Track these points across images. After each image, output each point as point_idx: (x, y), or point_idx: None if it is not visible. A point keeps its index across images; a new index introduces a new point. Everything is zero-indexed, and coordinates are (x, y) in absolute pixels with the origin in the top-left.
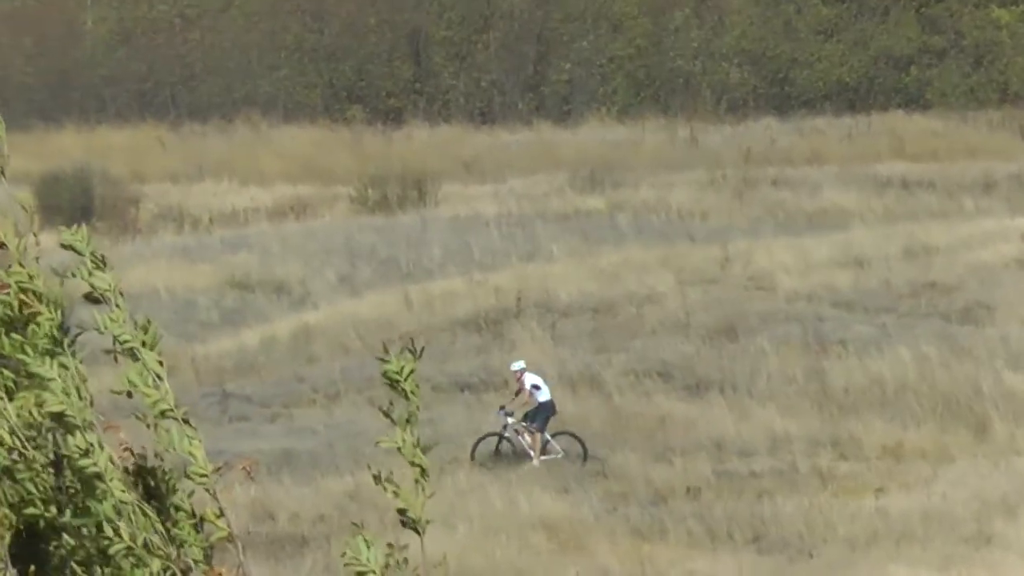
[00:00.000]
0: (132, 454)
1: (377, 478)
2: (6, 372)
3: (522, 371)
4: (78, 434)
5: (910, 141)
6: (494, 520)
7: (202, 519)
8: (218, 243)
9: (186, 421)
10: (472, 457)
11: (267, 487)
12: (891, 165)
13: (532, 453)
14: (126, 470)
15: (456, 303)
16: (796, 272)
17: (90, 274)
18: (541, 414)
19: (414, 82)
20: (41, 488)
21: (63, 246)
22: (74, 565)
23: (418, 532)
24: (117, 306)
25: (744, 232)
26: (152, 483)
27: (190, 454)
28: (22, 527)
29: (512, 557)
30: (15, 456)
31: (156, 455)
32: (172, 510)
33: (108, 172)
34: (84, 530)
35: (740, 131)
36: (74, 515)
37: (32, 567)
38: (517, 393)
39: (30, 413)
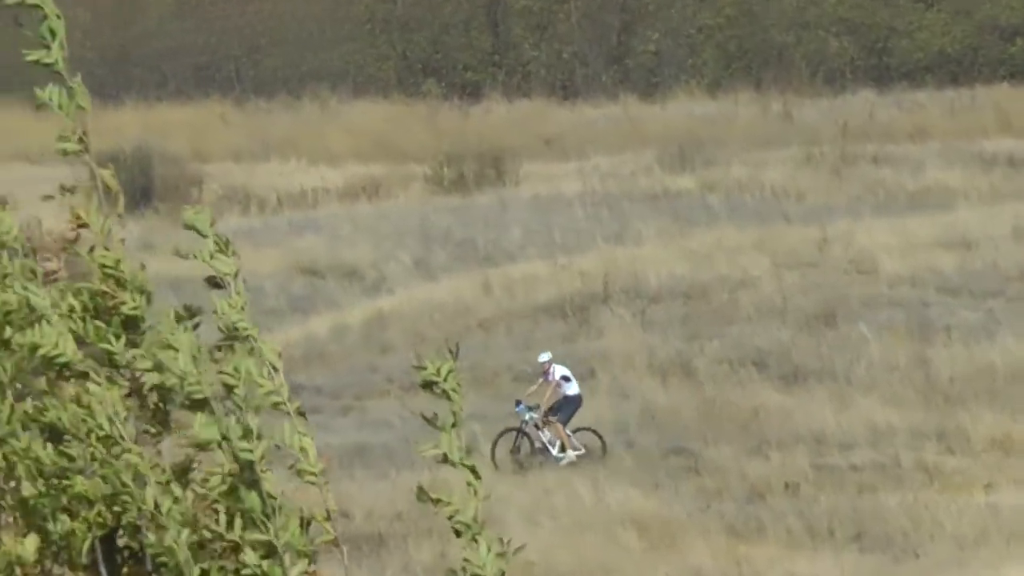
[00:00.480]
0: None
1: (422, 492)
2: (89, 360)
3: (549, 362)
4: (233, 417)
5: (1017, 116)
6: (582, 517)
7: (308, 520)
8: (285, 226)
9: (301, 415)
10: (492, 457)
11: (340, 483)
12: (997, 141)
13: (552, 449)
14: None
15: (538, 288)
16: (898, 254)
17: (212, 257)
18: (567, 407)
19: (492, 54)
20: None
21: (185, 226)
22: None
23: (475, 540)
24: (237, 292)
25: (843, 212)
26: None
27: (301, 450)
28: (115, 524)
29: (600, 556)
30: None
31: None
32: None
33: (169, 151)
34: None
35: (837, 105)
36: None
37: (124, 568)
38: (540, 385)
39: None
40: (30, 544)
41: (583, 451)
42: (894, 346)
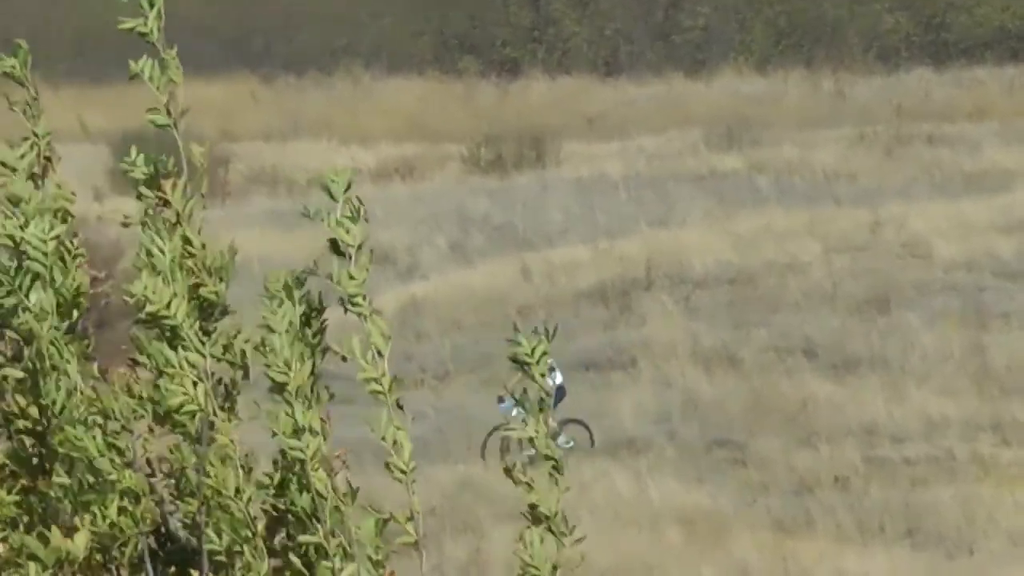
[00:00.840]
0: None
1: (508, 471)
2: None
3: None
4: (291, 409)
5: None
6: (623, 511)
7: (386, 520)
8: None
9: (399, 407)
10: (482, 456)
11: (372, 477)
12: None
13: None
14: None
15: (579, 273)
16: (954, 238)
17: (339, 224)
18: (555, 399)
19: (532, 30)
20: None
21: (322, 188)
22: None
23: (552, 532)
24: (361, 264)
25: (896, 194)
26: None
27: (396, 444)
28: (164, 521)
29: (642, 552)
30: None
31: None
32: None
33: (195, 129)
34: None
35: (891, 83)
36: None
37: (172, 567)
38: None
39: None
40: (80, 540)
41: (572, 444)
42: (949, 333)
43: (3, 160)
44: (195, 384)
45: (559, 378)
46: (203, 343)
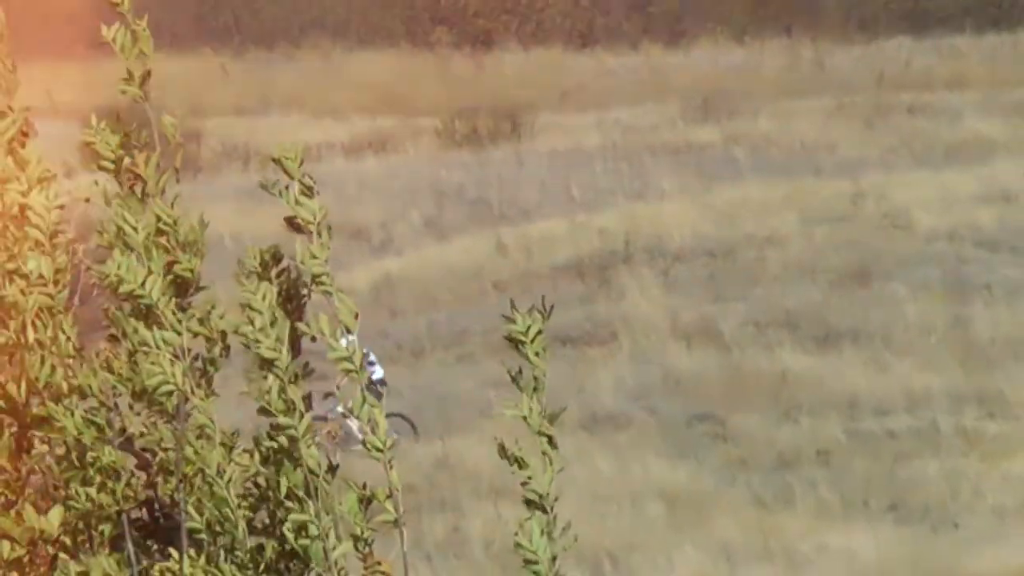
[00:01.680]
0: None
1: (503, 450)
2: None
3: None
4: (279, 386)
5: None
6: (604, 488)
7: (368, 499)
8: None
9: (371, 384)
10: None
11: (347, 454)
12: None
13: (361, 436)
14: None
15: (556, 247)
16: (935, 209)
17: (297, 201)
18: (375, 394)
19: (505, 0)
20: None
21: (274, 161)
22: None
23: (544, 510)
24: (321, 240)
25: (877, 165)
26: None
27: (372, 422)
28: (144, 498)
29: (623, 529)
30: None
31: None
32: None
33: (165, 104)
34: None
35: (871, 52)
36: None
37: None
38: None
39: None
40: (54, 517)
41: (396, 437)
42: (931, 305)
43: None
44: (172, 362)
45: (379, 372)
46: (179, 320)
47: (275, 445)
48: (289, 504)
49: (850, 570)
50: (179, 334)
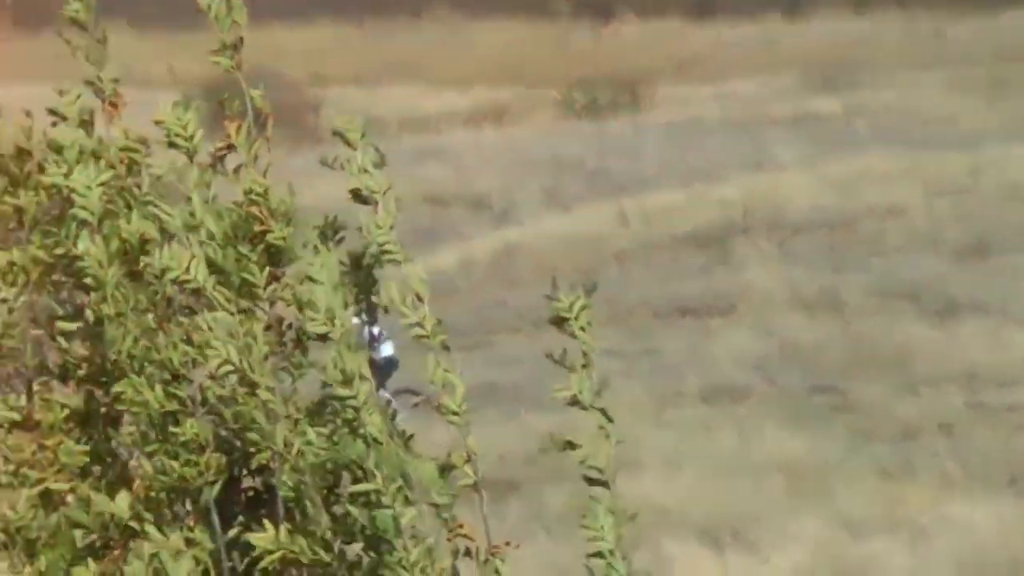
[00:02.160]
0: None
1: (554, 439)
2: (225, 290)
3: (363, 323)
4: (339, 356)
5: None
6: (725, 460)
7: (448, 464)
8: (408, 153)
9: (445, 348)
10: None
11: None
12: None
13: (409, 405)
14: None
15: (675, 218)
16: None
17: (363, 171)
18: (383, 371)
19: None
20: (259, 421)
21: (334, 133)
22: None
23: (605, 485)
24: (387, 210)
25: (998, 137)
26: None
27: (447, 386)
28: (230, 471)
29: (743, 501)
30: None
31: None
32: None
33: (284, 75)
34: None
35: (991, 24)
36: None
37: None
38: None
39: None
40: (123, 501)
41: (406, 415)
42: None
43: (53, 107)
44: (226, 344)
45: (390, 349)
46: (229, 301)
47: (340, 416)
48: (356, 474)
49: (970, 542)
50: (232, 315)
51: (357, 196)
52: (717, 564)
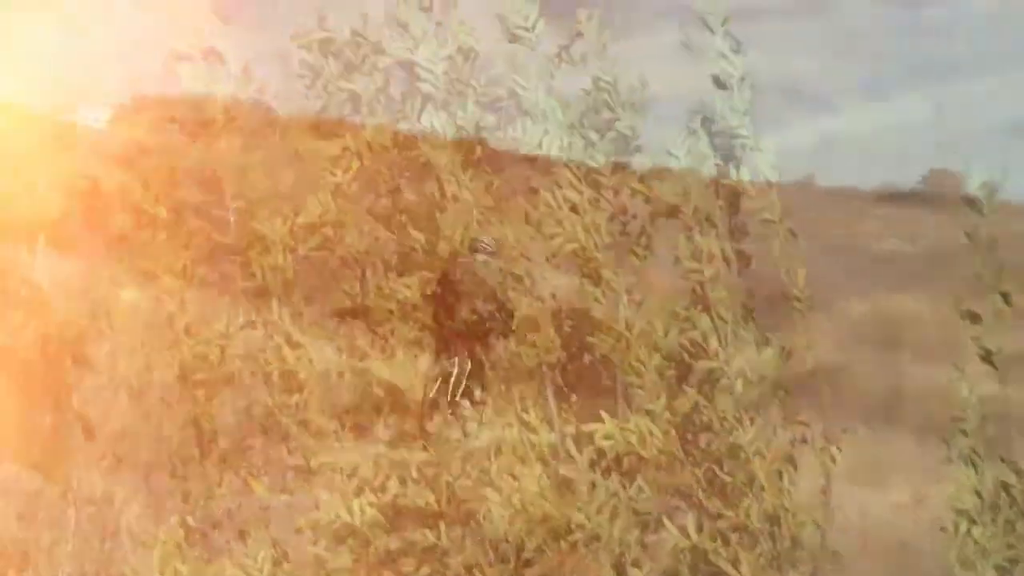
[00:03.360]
0: None
1: (958, 302)
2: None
3: None
4: (690, 235)
5: None
6: None
7: (787, 351)
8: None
9: (792, 234)
10: None
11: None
12: None
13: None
14: None
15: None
16: None
17: (723, 56)
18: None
19: None
20: None
21: (699, 21)
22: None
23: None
24: (743, 97)
25: None
26: None
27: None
28: (568, 349)
29: None
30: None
31: None
32: None
33: None
34: None
35: None
36: None
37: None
38: None
39: None
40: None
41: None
42: None
43: None
44: (572, 221)
45: None
46: (579, 179)
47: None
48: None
49: None
50: (581, 193)
51: (716, 82)
52: None
